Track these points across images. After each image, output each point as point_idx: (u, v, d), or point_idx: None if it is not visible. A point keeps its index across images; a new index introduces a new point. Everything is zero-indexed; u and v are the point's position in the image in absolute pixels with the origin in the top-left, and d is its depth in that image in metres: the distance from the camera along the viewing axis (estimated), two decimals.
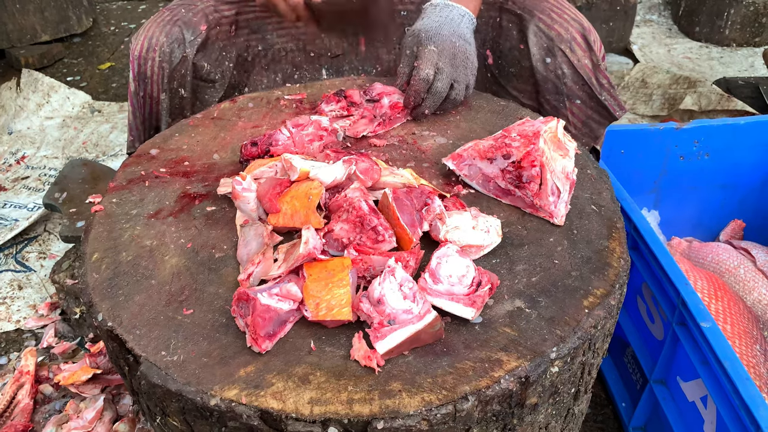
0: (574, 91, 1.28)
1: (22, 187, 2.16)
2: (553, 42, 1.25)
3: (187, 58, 1.29)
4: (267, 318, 0.72)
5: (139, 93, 1.33)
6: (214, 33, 1.34)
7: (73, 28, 3.13)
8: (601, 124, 1.33)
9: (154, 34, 1.28)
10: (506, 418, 0.73)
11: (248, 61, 1.42)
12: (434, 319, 0.72)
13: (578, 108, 1.30)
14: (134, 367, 0.75)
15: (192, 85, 1.34)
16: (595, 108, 1.30)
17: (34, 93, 2.60)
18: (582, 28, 1.25)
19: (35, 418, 1.37)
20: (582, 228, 0.90)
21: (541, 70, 1.28)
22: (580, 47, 1.25)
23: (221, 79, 1.36)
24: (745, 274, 1.50)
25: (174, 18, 1.29)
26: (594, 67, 1.26)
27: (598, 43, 1.27)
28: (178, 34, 1.28)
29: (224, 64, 1.36)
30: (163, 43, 1.26)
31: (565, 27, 1.25)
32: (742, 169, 1.59)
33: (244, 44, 1.40)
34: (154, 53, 1.27)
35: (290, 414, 0.66)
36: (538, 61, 1.28)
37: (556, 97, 1.29)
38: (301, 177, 0.89)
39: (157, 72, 1.29)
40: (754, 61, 2.82)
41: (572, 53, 1.24)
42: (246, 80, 1.44)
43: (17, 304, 1.71)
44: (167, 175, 1.02)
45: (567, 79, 1.27)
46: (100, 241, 0.90)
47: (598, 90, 1.27)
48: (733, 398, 0.93)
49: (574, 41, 1.24)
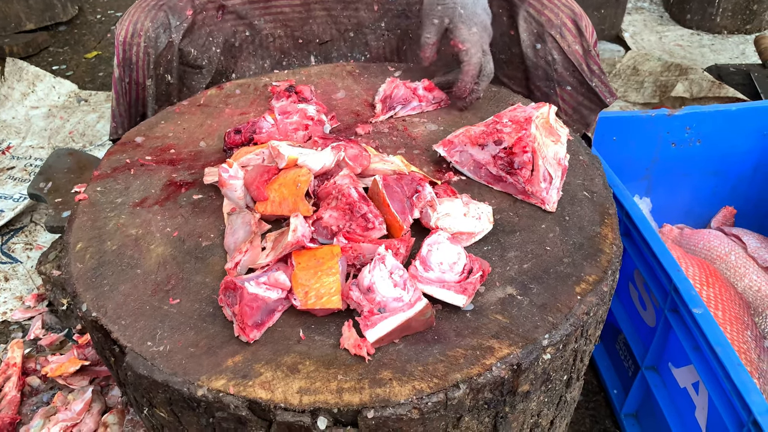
0: (564, 77, 1.27)
1: (8, 178, 2.13)
2: (543, 27, 1.23)
3: (173, 44, 1.26)
4: (255, 307, 0.71)
5: (124, 79, 1.30)
6: (201, 18, 1.32)
7: (59, 17, 3.07)
8: (592, 110, 1.32)
9: (139, 19, 1.25)
10: (498, 405, 0.72)
11: (235, 47, 1.39)
12: (425, 306, 0.71)
13: (569, 94, 1.29)
14: (120, 358, 0.74)
15: (178, 71, 1.31)
16: (585, 94, 1.29)
17: (18, 82, 2.56)
18: (573, 14, 1.24)
19: (23, 411, 1.36)
20: (574, 214, 0.89)
21: (531, 56, 1.27)
22: (571, 33, 1.23)
23: (208, 65, 1.34)
24: (736, 261, 1.50)
25: (159, 3, 1.27)
26: (585, 52, 1.25)
27: (590, 29, 1.26)
28: (164, 18, 1.25)
29: (211, 49, 1.34)
30: (149, 28, 1.24)
31: (555, 12, 1.23)
32: (734, 156, 1.59)
33: (231, 30, 1.38)
34: (139, 38, 1.24)
35: (279, 404, 0.65)
36: (528, 47, 1.26)
37: (546, 84, 1.28)
38: (289, 164, 0.87)
39: (143, 58, 1.26)
40: (745, 49, 2.81)
41: (562, 39, 1.23)
42: (234, 66, 1.42)
43: (3, 296, 1.69)
44: (153, 163, 1.00)
45: (557, 65, 1.25)
46: (84, 231, 0.88)
47: (588, 76, 1.26)
48: (725, 384, 0.92)
49: (564, 27, 1.23)
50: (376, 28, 1.44)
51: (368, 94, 1.16)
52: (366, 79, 1.21)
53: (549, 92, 1.29)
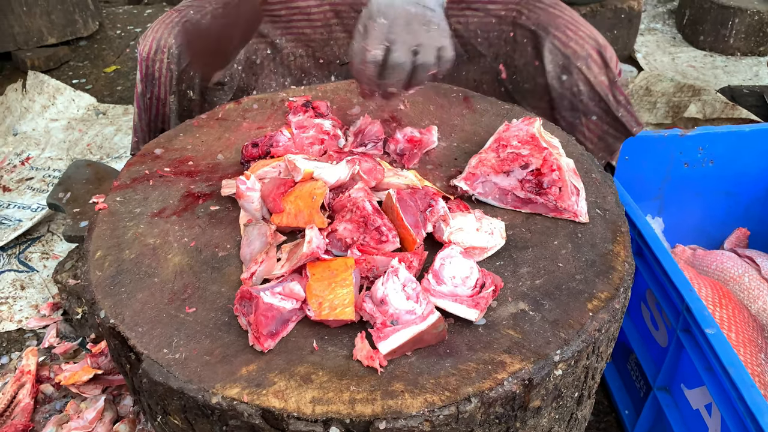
0: (590, 107, 1.27)
1: (27, 188, 2.16)
2: (569, 59, 1.24)
3: None
4: (269, 317, 0.72)
5: (146, 95, 1.33)
6: None
7: (80, 32, 3.14)
8: (618, 139, 1.31)
9: (162, 36, 1.27)
10: (509, 420, 0.72)
11: (257, 64, 1.42)
12: (437, 320, 0.72)
13: (594, 124, 1.29)
14: (135, 365, 0.75)
15: (200, 88, 1.34)
16: (611, 123, 1.29)
17: (39, 95, 2.61)
18: (598, 45, 1.24)
19: (36, 418, 1.37)
20: (586, 231, 0.90)
21: (556, 87, 1.27)
22: (597, 64, 1.24)
23: (230, 82, 1.36)
24: (750, 283, 1.49)
25: (182, 19, 1.29)
26: (611, 83, 1.25)
27: (614, 60, 1.26)
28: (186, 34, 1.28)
29: (233, 66, 1.36)
30: (171, 45, 1.26)
31: (581, 44, 1.24)
32: (747, 176, 1.59)
33: (252, 47, 1.40)
34: (163, 55, 1.26)
35: (292, 413, 0.66)
36: (553, 78, 1.27)
37: (571, 114, 1.28)
38: (305, 177, 0.89)
39: (165, 74, 1.29)
40: (759, 71, 2.82)
41: (588, 70, 1.23)
42: (255, 83, 1.44)
43: (19, 304, 1.71)
44: (171, 174, 1.02)
45: (583, 96, 1.26)
46: (103, 239, 0.90)
47: (614, 106, 1.26)
48: (738, 405, 0.92)
49: (590, 58, 1.23)
50: None
51: (382, 111, 1.18)
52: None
53: (575, 122, 1.29)
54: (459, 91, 1.24)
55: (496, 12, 1.32)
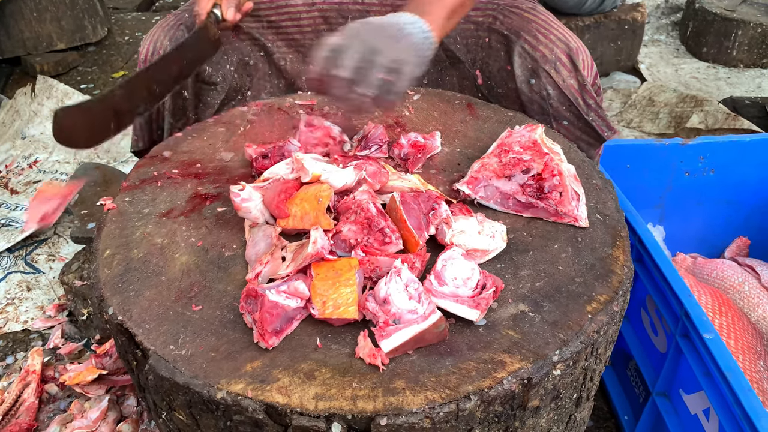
0: (560, 111, 1.27)
1: (34, 191, 2.19)
2: (537, 63, 1.24)
3: None
4: (274, 314, 0.74)
5: None
6: None
7: (89, 37, 3.18)
8: (591, 145, 1.31)
9: (158, 38, 1.32)
10: (508, 420, 0.73)
11: (250, 65, 1.44)
12: (439, 319, 0.73)
13: (566, 129, 1.29)
14: (142, 362, 0.77)
15: (194, 88, 1.37)
16: (583, 128, 1.29)
17: (48, 99, 2.64)
18: (568, 48, 1.24)
19: (40, 417, 1.38)
20: (586, 236, 0.91)
21: (525, 92, 1.28)
22: (566, 67, 1.24)
23: (222, 82, 1.39)
24: (750, 291, 1.50)
25: (178, 22, 1.34)
26: (580, 87, 1.25)
27: (588, 63, 1.26)
28: (181, 37, 1.31)
29: (225, 67, 1.39)
30: (167, 47, 1.30)
31: (549, 48, 1.24)
32: (748, 186, 1.60)
33: (246, 49, 1.43)
34: (158, 56, 1.30)
35: (295, 408, 0.67)
36: (522, 82, 1.27)
37: (542, 118, 1.28)
38: (312, 180, 0.90)
39: None
40: (761, 82, 2.84)
41: (557, 74, 1.23)
42: (249, 84, 1.46)
43: (25, 305, 1.73)
44: (179, 176, 1.04)
45: (552, 100, 1.26)
46: (112, 238, 0.91)
47: (585, 111, 1.26)
48: (736, 410, 0.93)
49: (558, 61, 1.23)
50: None
51: (387, 116, 1.19)
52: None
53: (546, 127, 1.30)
54: (462, 98, 1.25)
55: (474, 18, 1.33)
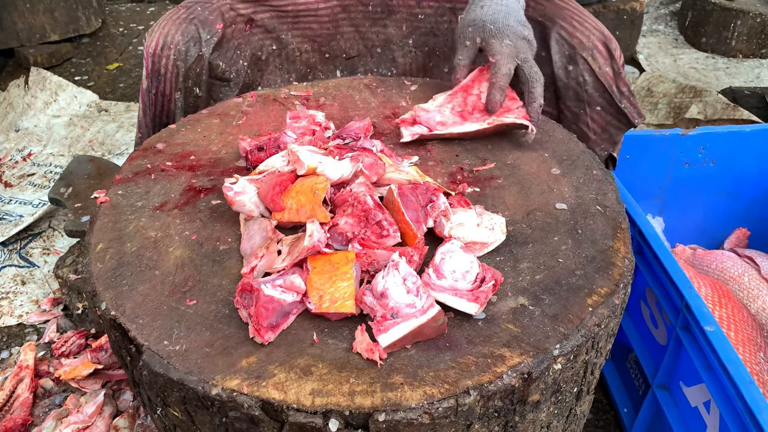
0: (594, 98, 1.28)
1: (28, 184, 2.17)
2: (575, 50, 1.25)
3: (203, 57, 1.28)
4: (270, 309, 0.72)
5: (151, 91, 1.32)
6: (230, 31, 1.34)
7: (82, 29, 3.15)
8: (620, 130, 1.33)
9: (169, 32, 1.27)
10: (508, 414, 0.72)
11: (262, 60, 1.42)
12: (437, 313, 0.72)
13: (598, 114, 1.30)
14: (136, 357, 0.75)
15: (207, 84, 1.34)
16: (614, 115, 1.30)
17: (41, 91, 2.62)
18: (603, 37, 1.25)
19: (35, 412, 1.37)
20: (587, 228, 0.90)
21: (562, 77, 1.28)
22: (602, 55, 1.25)
23: (236, 78, 1.36)
24: (750, 282, 1.50)
25: (190, 16, 1.29)
26: (615, 75, 1.26)
27: (618, 52, 1.27)
28: (195, 32, 1.27)
29: (239, 62, 1.36)
30: (179, 42, 1.26)
31: (586, 35, 1.25)
32: (748, 177, 1.59)
33: (258, 43, 1.40)
34: (169, 51, 1.26)
35: (291, 405, 0.66)
36: (559, 68, 1.28)
37: (576, 104, 1.29)
38: (308, 173, 0.89)
39: (172, 70, 1.28)
40: (760, 72, 2.82)
41: (594, 61, 1.24)
42: (260, 79, 1.44)
43: (20, 299, 1.71)
44: (173, 168, 1.03)
45: (588, 87, 1.27)
46: (105, 232, 0.90)
47: (618, 97, 1.27)
48: (737, 402, 0.92)
49: (595, 49, 1.24)
50: (403, 45, 1.46)
51: (384, 107, 1.18)
52: (383, 92, 1.23)
53: (579, 112, 1.30)
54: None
55: None
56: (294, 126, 1.03)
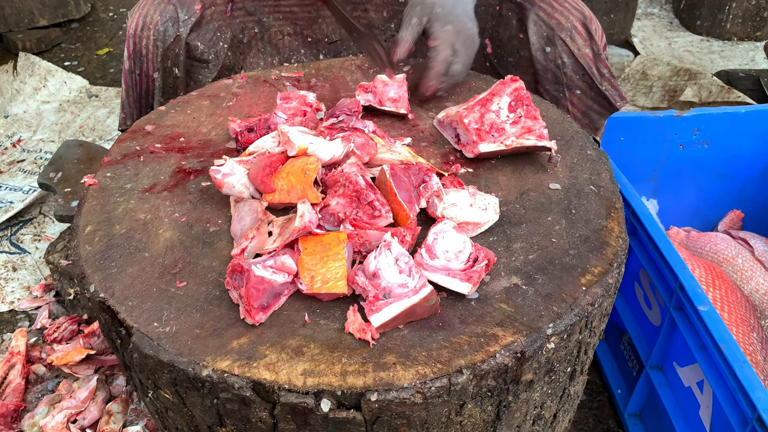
0: (574, 80, 1.27)
1: (18, 170, 2.15)
2: (553, 31, 1.23)
3: (181, 38, 1.27)
4: (261, 289, 0.71)
5: (134, 71, 1.31)
6: (209, 13, 1.33)
7: (72, 14, 3.10)
8: (602, 114, 1.31)
9: (148, 13, 1.26)
10: (501, 394, 0.72)
11: (244, 43, 1.40)
12: (430, 293, 0.71)
13: (578, 98, 1.28)
14: (126, 340, 0.74)
15: (185, 65, 1.32)
16: (595, 98, 1.28)
17: (30, 77, 2.58)
18: (583, 17, 1.23)
19: (27, 398, 1.37)
20: (580, 207, 0.89)
21: (540, 60, 1.27)
22: (581, 36, 1.23)
23: (215, 60, 1.35)
24: (743, 264, 1.50)
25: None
26: (594, 56, 1.24)
27: (599, 32, 1.25)
28: (172, 12, 1.26)
29: (218, 44, 1.35)
30: (157, 22, 1.25)
31: (565, 15, 1.23)
32: (742, 158, 1.59)
33: (239, 25, 1.38)
34: (149, 31, 1.25)
35: (283, 385, 0.66)
36: (537, 50, 1.26)
37: (555, 87, 1.28)
38: (299, 153, 0.88)
39: (152, 50, 1.27)
40: (755, 55, 2.81)
41: (572, 42, 1.23)
42: (242, 62, 1.42)
43: (11, 286, 1.70)
44: (162, 150, 1.01)
45: (567, 69, 1.25)
46: (93, 215, 0.89)
47: (598, 80, 1.26)
48: (730, 381, 0.92)
49: (574, 30, 1.22)
50: (386, 29, 1.45)
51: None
52: (375, 73, 1.21)
53: (558, 95, 1.29)
54: None
55: None
56: (285, 107, 1.01)
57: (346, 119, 0.98)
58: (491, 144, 0.95)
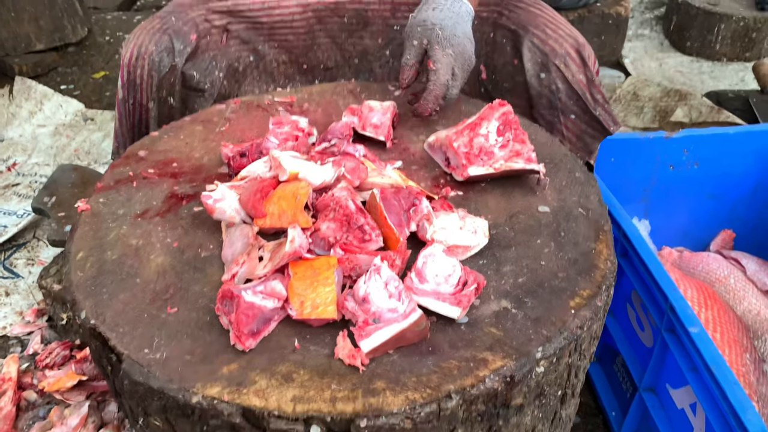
0: (568, 106, 1.28)
1: (13, 194, 2.15)
2: (547, 57, 1.25)
3: (176, 68, 1.28)
4: (251, 315, 0.72)
5: (128, 101, 1.32)
6: (204, 42, 1.34)
7: (68, 38, 3.13)
8: (596, 138, 1.33)
9: (143, 42, 1.27)
10: (491, 418, 0.72)
11: (239, 72, 1.41)
12: (419, 317, 0.72)
13: (572, 123, 1.30)
14: (117, 366, 0.74)
15: (181, 94, 1.34)
16: (589, 123, 1.30)
17: (26, 101, 2.60)
18: (576, 44, 1.26)
19: (18, 425, 1.35)
20: (569, 230, 0.90)
21: (535, 86, 1.28)
22: (575, 62, 1.25)
23: (211, 89, 1.36)
24: (735, 284, 1.50)
25: (164, 27, 1.29)
26: (588, 82, 1.26)
27: (592, 59, 1.27)
28: (168, 42, 1.27)
29: (214, 73, 1.36)
30: (152, 52, 1.26)
31: (559, 42, 1.25)
32: (732, 178, 1.60)
33: (235, 54, 1.40)
34: (143, 61, 1.26)
35: (273, 411, 0.65)
36: (532, 76, 1.28)
37: (550, 112, 1.29)
38: (290, 178, 0.88)
39: (146, 80, 1.28)
40: (744, 76, 2.84)
41: (567, 68, 1.25)
42: (237, 90, 1.44)
43: (4, 311, 1.69)
44: (155, 176, 1.02)
45: (561, 94, 1.27)
46: (85, 240, 0.89)
47: (592, 105, 1.27)
48: (722, 403, 0.92)
49: (568, 56, 1.24)
50: (380, 55, 1.47)
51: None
52: (367, 98, 1.23)
53: (553, 120, 1.30)
54: None
55: (479, 13, 1.33)
56: (277, 132, 1.02)
57: (338, 143, 0.99)
58: (480, 167, 0.96)
